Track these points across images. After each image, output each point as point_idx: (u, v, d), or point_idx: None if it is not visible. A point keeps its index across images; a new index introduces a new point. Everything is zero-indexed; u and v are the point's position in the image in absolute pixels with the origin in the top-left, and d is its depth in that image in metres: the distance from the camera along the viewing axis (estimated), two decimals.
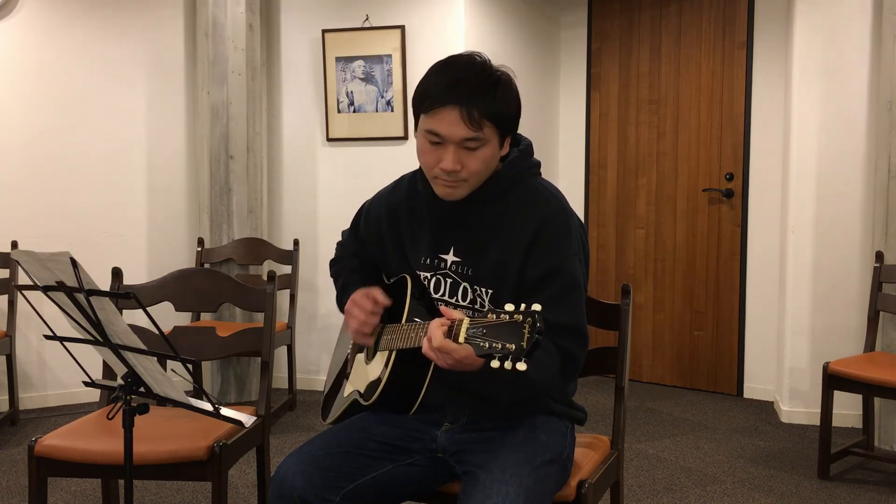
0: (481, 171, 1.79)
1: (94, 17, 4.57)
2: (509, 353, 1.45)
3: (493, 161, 1.81)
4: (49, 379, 4.52)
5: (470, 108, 1.72)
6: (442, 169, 1.77)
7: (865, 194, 4.12)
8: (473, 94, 1.73)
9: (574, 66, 5.33)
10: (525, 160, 1.89)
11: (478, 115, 1.73)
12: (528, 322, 1.46)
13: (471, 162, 1.77)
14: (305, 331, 4.88)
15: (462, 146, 1.76)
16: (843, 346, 4.14)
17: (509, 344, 1.46)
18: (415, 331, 1.79)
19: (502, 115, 1.77)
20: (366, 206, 2.09)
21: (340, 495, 1.80)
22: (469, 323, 1.52)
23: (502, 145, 1.83)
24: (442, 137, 1.76)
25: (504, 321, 1.48)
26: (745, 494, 3.32)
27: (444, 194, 1.82)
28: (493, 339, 1.48)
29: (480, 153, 1.77)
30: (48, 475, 2.33)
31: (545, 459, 1.80)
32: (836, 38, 4.15)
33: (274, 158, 4.96)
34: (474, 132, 1.74)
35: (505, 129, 1.80)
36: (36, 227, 4.43)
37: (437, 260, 1.89)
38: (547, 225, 1.80)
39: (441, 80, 1.76)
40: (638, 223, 5.12)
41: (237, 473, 3.44)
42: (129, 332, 1.77)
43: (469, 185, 1.81)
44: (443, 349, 1.57)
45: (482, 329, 1.49)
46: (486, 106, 1.74)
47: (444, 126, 1.75)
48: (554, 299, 1.75)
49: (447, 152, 1.76)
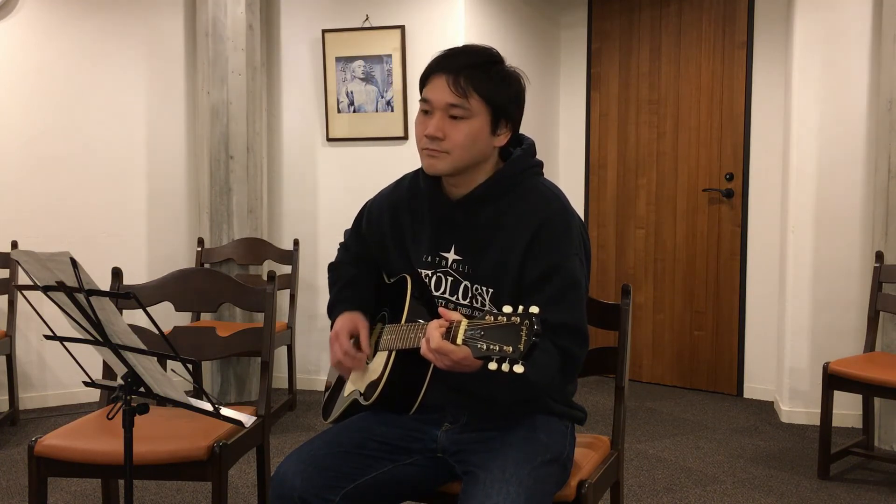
0: (464, 145, 1.79)
1: (94, 17, 4.57)
2: (507, 355, 1.46)
3: (479, 140, 1.80)
4: (49, 379, 4.52)
5: (458, 76, 1.78)
6: (425, 135, 1.80)
7: (865, 194, 4.12)
8: (464, 65, 1.79)
9: (574, 66, 5.33)
10: (527, 159, 1.89)
11: (464, 82, 1.77)
12: (526, 324, 1.47)
13: (454, 132, 1.78)
14: (305, 331, 4.88)
15: (448, 114, 1.79)
16: (843, 346, 4.14)
17: (507, 346, 1.47)
18: (414, 331, 1.79)
19: (491, 92, 1.79)
20: (367, 206, 2.10)
21: (340, 495, 1.80)
22: (467, 325, 1.53)
23: (495, 130, 1.82)
24: (430, 104, 1.81)
25: (502, 323, 1.49)
26: (745, 494, 3.32)
27: (426, 166, 1.84)
28: (490, 341, 1.48)
29: (465, 125, 1.78)
30: (48, 475, 2.33)
31: (545, 459, 1.80)
32: (836, 38, 4.15)
33: (274, 158, 4.96)
34: (459, 98, 1.77)
35: (496, 110, 1.81)
36: (36, 227, 4.43)
37: (437, 258, 1.89)
38: (548, 224, 1.80)
39: (440, 56, 1.84)
40: (638, 223, 5.12)
41: (237, 473, 3.44)
42: (129, 332, 1.77)
43: (451, 160, 1.80)
44: (441, 350, 1.58)
45: (480, 331, 1.50)
46: (475, 78, 1.78)
47: (433, 92, 1.81)
48: (553, 298, 1.75)
49: (433, 119, 1.80)
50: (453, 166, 1.82)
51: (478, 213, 1.86)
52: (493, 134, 1.83)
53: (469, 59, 1.80)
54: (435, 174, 1.85)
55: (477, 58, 1.81)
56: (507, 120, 1.84)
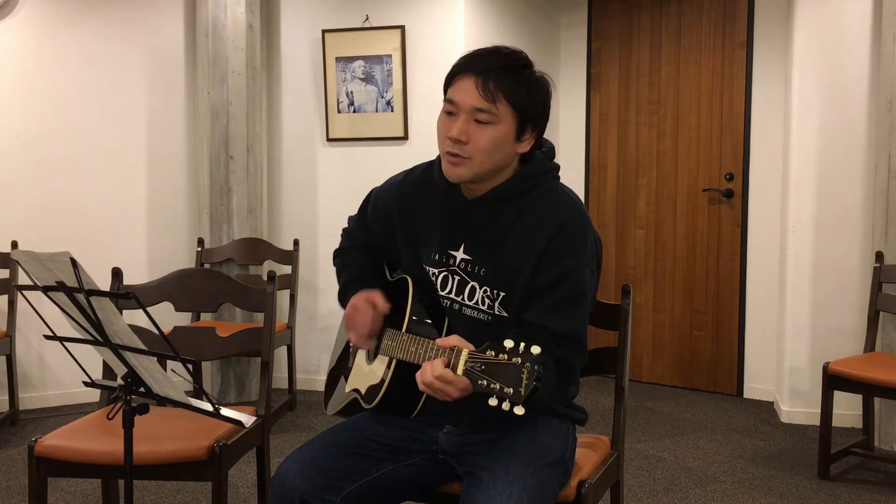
0: (488, 150, 1.73)
1: (94, 17, 4.57)
2: (507, 396, 1.46)
3: (503, 146, 1.75)
4: (49, 379, 4.52)
5: (486, 78, 1.72)
6: (449, 138, 1.75)
7: (865, 194, 4.12)
8: (493, 67, 1.73)
9: (574, 66, 5.33)
10: (545, 163, 1.85)
11: (493, 86, 1.71)
12: (527, 367, 1.46)
13: (479, 136, 1.73)
14: (305, 331, 4.88)
15: (473, 117, 1.73)
16: (843, 346, 4.13)
17: (507, 388, 1.46)
18: (414, 345, 1.77)
19: (520, 98, 1.73)
20: (374, 193, 2.04)
21: (341, 496, 1.79)
22: (467, 356, 1.53)
23: (519, 137, 1.77)
24: (456, 105, 1.75)
25: (503, 361, 1.48)
26: (744, 494, 3.32)
27: (447, 172, 1.79)
28: (491, 378, 1.48)
29: (490, 130, 1.73)
30: (48, 475, 2.33)
31: (548, 461, 1.80)
32: (836, 38, 4.15)
33: (274, 158, 4.96)
34: (486, 103, 1.72)
35: (523, 117, 1.75)
36: (36, 227, 4.43)
37: (446, 256, 1.86)
38: (564, 231, 1.76)
39: (468, 55, 1.78)
40: (638, 223, 5.12)
41: (237, 473, 3.44)
42: (129, 332, 1.77)
43: (472, 167, 1.75)
44: (443, 378, 1.58)
45: (481, 365, 1.50)
46: (504, 81, 1.72)
47: (460, 93, 1.75)
48: (558, 306, 1.73)
49: (458, 121, 1.75)
50: (474, 172, 1.76)
51: (491, 214, 1.82)
52: (517, 140, 1.77)
53: (499, 61, 1.75)
54: (456, 180, 1.79)
55: (507, 60, 1.76)
56: (532, 127, 1.78)
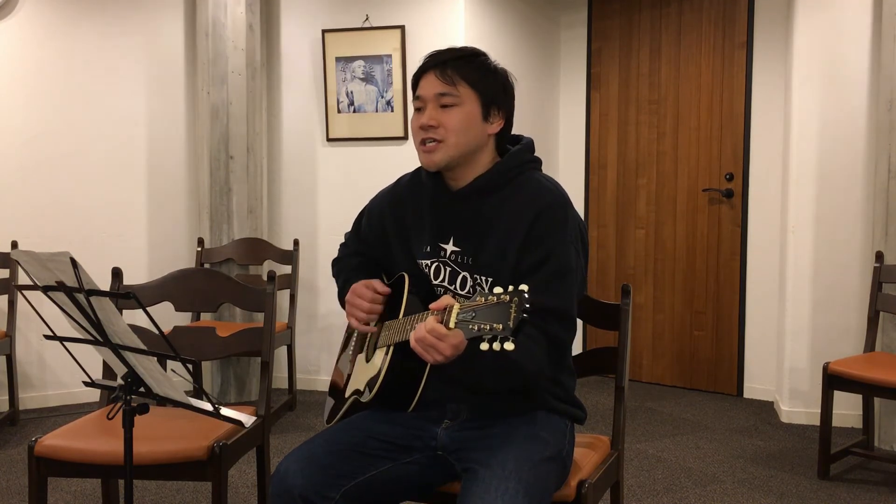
0: (458, 130, 1.84)
1: (94, 17, 4.57)
2: (497, 333, 1.49)
3: (473, 126, 1.85)
4: (49, 379, 4.52)
5: (444, 67, 1.87)
6: (420, 128, 1.87)
7: (865, 194, 4.12)
8: (448, 58, 1.88)
9: (574, 66, 5.33)
10: (525, 154, 1.93)
11: (451, 72, 1.86)
12: (516, 301, 1.50)
13: (447, 119, 1.84)
14: (305, 331, 4.88)
15: (438, 103, 1.85)
16: (843, 346, 4.14)
17: (497, 324, 1.50)
18: (410, 323, 1.82)
19: (477, 79, 1.86)
20: (367, 207, 2.13)
21: (340, 493, 1.80)
22: (459, 307, 1.56)
23: (486, 117, 1.87)
24: (422, 99, 1.89)
25: (492, 303, 1.52)
26: (744, 494, 3.32)
27: (423, 161, 1.90)
28: (482, 321, 1.52)
29: (456, 111, 1.85)
30: (48, 475, 2.33)
31: (545, 456, 1.81)
32: (836, 38, 4.15)
33: (274, 158, 4.96)
34: (447, 87, 1.85)
35: (485, 97, 1.87)
36: (36, 227, 4.43)
37: (437, 248, 1.93)
38: (546, 213, 1.83)
39: (426, 57, 1.93)
40: (638, 223, 5.12)
41: (237, 473, 3.44)
42: (129, 332, 1.78)
43: (447, 149, 1.85)
44: (435, 332, 1.60)
45: (472, 312, 1.54)
46: (459, 66, 1.86)
47: (423, 88, 1.89)
48: (544, 283, 1.77)
49: (425, 111, 1.87)
50: (449, 156, 1.86)
51: (476, 204, 1.89)
52: (486, 120, 1.88)
53: (454, 53, 1.89)
54: (433, 168, 1.89)
55: (461, 51, 1.90)
56: (497, 107, 1.89)
